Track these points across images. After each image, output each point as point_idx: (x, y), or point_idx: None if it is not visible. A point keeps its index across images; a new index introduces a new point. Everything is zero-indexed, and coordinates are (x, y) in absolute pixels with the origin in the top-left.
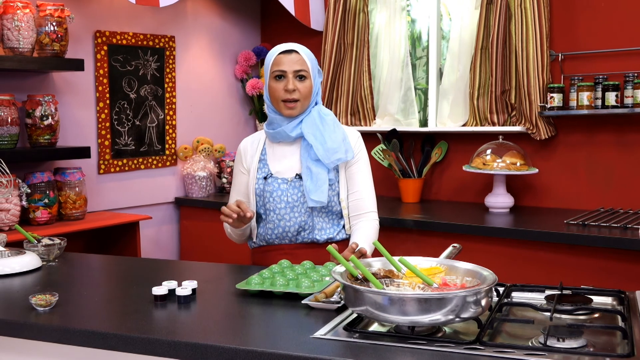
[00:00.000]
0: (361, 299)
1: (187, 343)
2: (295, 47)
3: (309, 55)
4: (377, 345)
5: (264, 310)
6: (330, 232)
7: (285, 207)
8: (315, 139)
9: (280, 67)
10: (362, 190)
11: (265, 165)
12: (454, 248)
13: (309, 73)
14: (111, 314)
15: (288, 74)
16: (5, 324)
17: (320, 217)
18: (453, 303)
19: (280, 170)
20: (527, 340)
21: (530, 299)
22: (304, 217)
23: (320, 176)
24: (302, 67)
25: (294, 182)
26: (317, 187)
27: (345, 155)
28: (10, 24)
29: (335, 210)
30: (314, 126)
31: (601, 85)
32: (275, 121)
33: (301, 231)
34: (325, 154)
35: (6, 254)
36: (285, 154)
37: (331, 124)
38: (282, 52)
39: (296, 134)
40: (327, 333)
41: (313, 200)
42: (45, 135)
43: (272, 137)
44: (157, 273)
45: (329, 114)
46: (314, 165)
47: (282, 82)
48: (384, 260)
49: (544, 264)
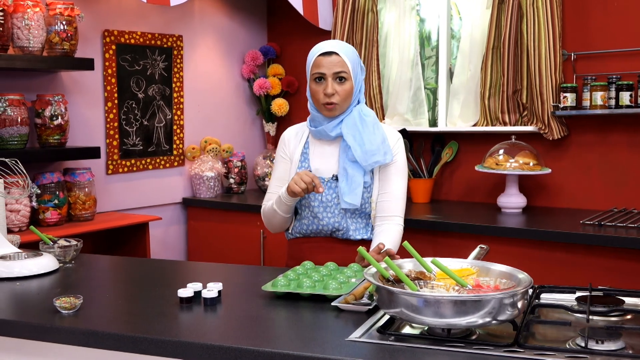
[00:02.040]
0: (396, 300)
1: (221, 346)
2: (335, 48)
3: (349, 55)
4: (414, 348)
5: (291, 312)
6: (364, 232)
7: (319, 206)
8: (354, 140)
9: (320, 69)
10: (393, 192)
11: (306, 160)
12: (482, 249)
13: (349, 74)
14: (137, 316)
15: (327, 77)
16: (31, 327)
17: (354, 218)
18: (490, 305)
19: (320, 169)
20: (562, 343)
21: (560, 300)
22: (338, 218)
23: (355, 179)
24: (342, 68)
25: (330, 182)
26: (351, 190)
27: (384, 158)
28: (20, 23)
29: (368, 211)
30: (354, 127)
31: (615, 85)
32: (317, 119)
33: (335, 231)
34: (363, 156)
35: (23, 255)
36: (325, 152)
37: (371, 126)
38: (322, 54)
39: (336, 133)
40: (361, 336)
41: (346, 203)
42: (55, 135)
43: (314, 134)
44: (176, 274)
45: (370, 115)
46: (350, 167)
47: (321, 85)
48: (415, 262)
49: (559, 264)
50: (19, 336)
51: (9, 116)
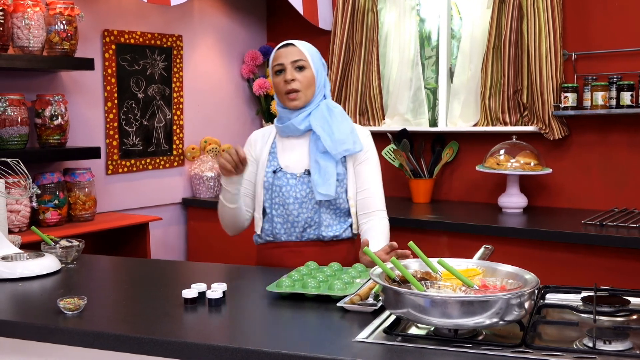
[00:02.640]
0: (402, 301)
1: (228, 347)
2: (293, 41)
3: (307, 47)
4: (422, 348)
5: (296, 313)
6: (336, 229)
7: (294, 203)
8: (323, 130)
9: (279, 60)
10: (371, 188)
11: (274, 159)
12: (486, 249)
13: (307, 62)
14: (142, 317)
15: (286, 66)
16: (35, 329)
17: (328, 213)
18: (497, 305)
19: (290, 165)
20: (569, 343)
21: (565, 300)
22: (311, 213)
23: (328, 169)
24: (299, 57)
25: (302, 177)
26: (324, 181)
27: (354, 147)
28: (20, 23)
29: (342, 207)
30: (322, 119)
31: (616, 85)
32: (284, 115)
33: (307, 227)
34: (333, 144)
35: (24, 256)
36: (295, 148)
37: (339, 116)
38: (280, 47)
39: (304, 126)
40: (368, 336)
41: (320, 194)
42: (55, 136)
43: (282, 131)
44: (179, 275)
45: (337, 107)
46: (322, 159)
47: (282, 76)
48: (420, 262)
49: (561, 264)
50: (23, 337)
51: (9, 116)
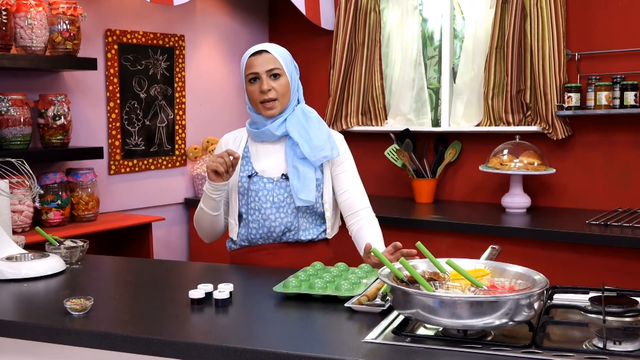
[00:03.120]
0: (411, 301)
1: (237, 348)
2: (266, 47)
3: (281, 53)
4: (431, 349)
5: (303, 313)
6: (313, 232)
7: (271, 207)
8: (301, 137)
9: (253, 69)
10: (352, 189)
11: (248, 163)
12: (494, 249)
13: (282, 70)
14: (149, 318)
15: (261, 75)
16: (42, 329)
17: (305, 217)
18: (507, 306)
19: (265, 169)
20: (578, 344)
21: (573, 300)
22: (290, 217)
23: (307, 175)
24: (274, 65)
25: (280, 182)
26: (304, 187)
27: (331, 153)
28: (23, 22)
29: (318, 211)
30: (298, 124)
31: (619, 85)
32: (259, 120)
33: (286, 232)
34: (312, 151)
35: (29, 256)
36: (270, 152)
37: (315, 122)
38: (253, 55)
39: (281, 132)
40: (377, 337)
41: (301, 200)
42: (58, 136)
43: (256, 136)
44: (184, 275)
45: (313, 112)
46: (300, 164)
47: (256, 84)
48: (428, 262)
49: (565, 264)
50: (30, 338)
51: (12, 116)
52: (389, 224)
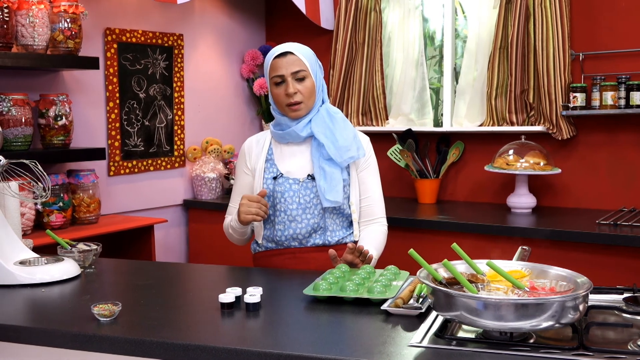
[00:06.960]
0: (455, 304)
1: (280, 354)
2: (290, 48)
3: (305, 54)
4: (479, 352)
5: (335, 316)
6: (340, 234)
7: (297, 209)
8: (327, 138)
9: (278, 72)
10: (373, 196)
11: (273, 165)
12: (524, 250)
13: (308, 72)
14: (180, 323)
15: (287, 78)
16: (72, 336)
17: (332, 219)
18: (553, 308)
19: (291, 171)
20: (623, 345)
21: (607, 301)
22: (317, 218)
23: (334, 175)
24: (299, 67)
25: (306, 182)
26: (332, 187)
27: (357, 153)
28: (25, 20)
29: (346, 213)
30: (324, 125)
31: (625, 85)
32: (283, 122)
33: (312, 233)
34: (338, 152)
35: (42, 261)
36: (295, 153)
37: (341, 122)
38: (277, 56)
39: (306, 133)
40: (421, 341)
41: (328, 201)
42: (59, 136)
43: (281, 137)
44: (206, 278)
45: (338, 112)
46: (327, 165)
47: (282, 87)
48: (466, 265)
49: (576, 264)
50: (59, 345)
51: (13, 116)
52: (392, 225)
